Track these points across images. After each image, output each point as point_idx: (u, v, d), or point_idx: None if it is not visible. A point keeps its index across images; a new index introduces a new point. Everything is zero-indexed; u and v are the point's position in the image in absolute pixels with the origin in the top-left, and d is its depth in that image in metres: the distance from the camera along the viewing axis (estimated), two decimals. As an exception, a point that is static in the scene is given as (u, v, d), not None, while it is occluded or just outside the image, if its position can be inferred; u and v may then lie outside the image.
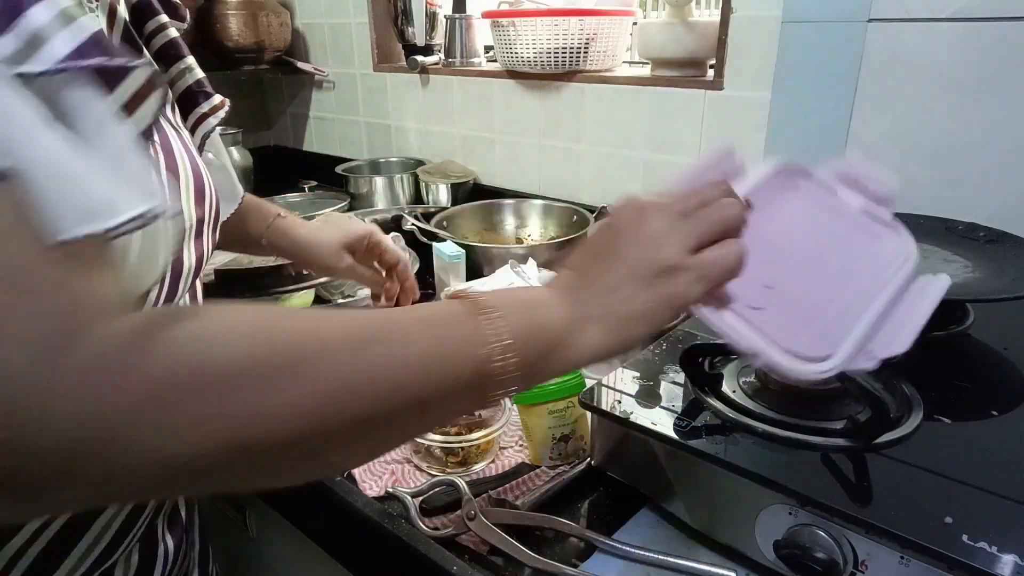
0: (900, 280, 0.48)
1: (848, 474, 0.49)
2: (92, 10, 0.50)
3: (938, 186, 0.92)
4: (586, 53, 1.26)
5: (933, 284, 0.49)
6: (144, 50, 0.57)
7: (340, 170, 1.59)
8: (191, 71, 0.62)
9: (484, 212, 1.36)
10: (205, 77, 0.63)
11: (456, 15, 1.48)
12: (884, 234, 0.52)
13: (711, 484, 0.53)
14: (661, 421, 0.57)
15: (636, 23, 1.33)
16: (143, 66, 0.35)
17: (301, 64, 1.81)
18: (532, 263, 1.08)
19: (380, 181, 1.53)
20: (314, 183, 1.71)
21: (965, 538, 0.42)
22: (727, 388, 0.60)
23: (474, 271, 1.11)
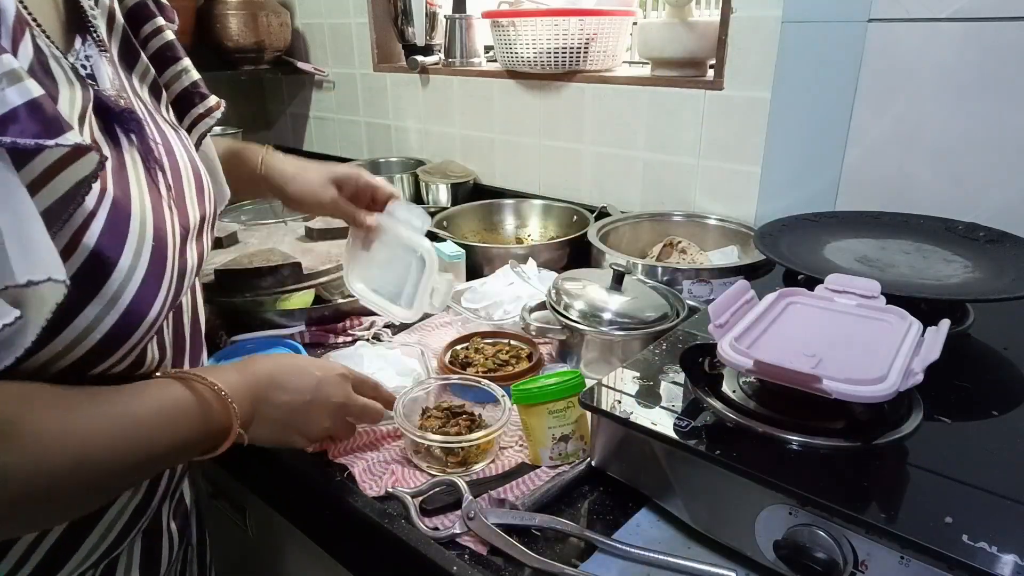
0: (916, 330, 0.58)
1: (848, 474, 0.49)
2: (93, 15, 0.51)
3: (938, 186, 0.92)
4: (586, 53, 1.26)
5: (942, 327, 0.56)
6: (142, 54, 0.58)
7: (340, 170, 1.59)
8: (187, 73, 0.62)
9: (484, 212, 1.36)
10: (201, 79, 0.64)
11: (456, 15, 1.48)
12: (885, 317, 0.62)
13: (711, 484, 0.53)
14: (661, 421, 0.57)
15: (636, 23, 1.33)
16: (62, 145, 0.37)
17: (301, 64, 1.81)
18: (532, 263, 1.08)
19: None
20: (314, 183, 1.71)
21: (965, 538, 0.42)
22: (727, 388, 0.60)
23: (474, 271, 1.11)
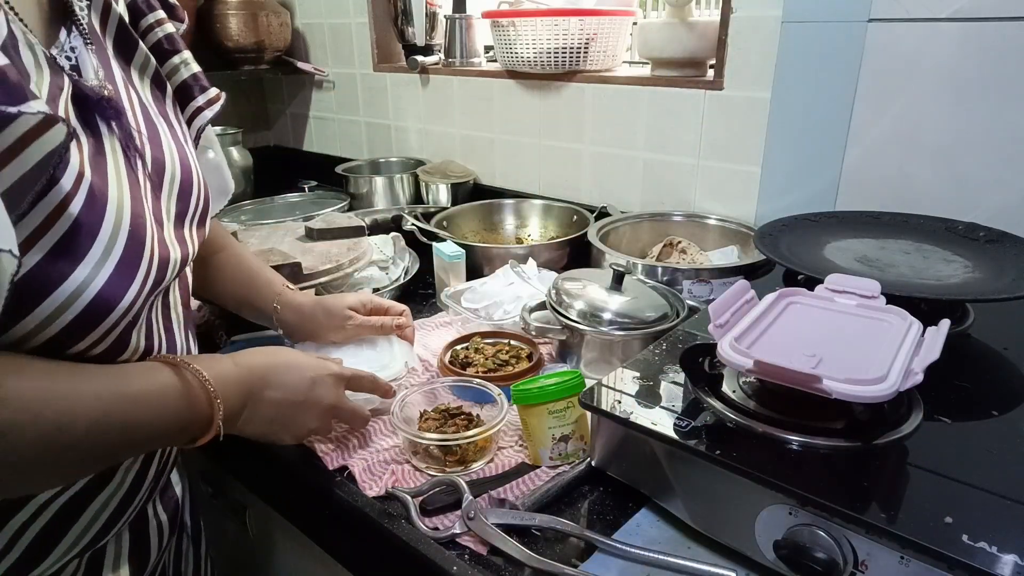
0: (916, 330, 0.58)
1: (848, 474, 0.49)
2: (80, 7, 0.51)
3: (938, 186, 0.92)
4: (586, 53, 1.26)
5: (942, 326, 0.56)
6: (141, 43, 0.58)
7: (340, 170, 1.59)
8: (187, 65, 0.63)
9: (484, 212, 1.36)
10: (201, 71, 0.64)
11: (456, 15, 1.48)
12: (885, 316, 0.62)
13: (711, 484, 0.53)
14: (661, 421, 0.57)
15: (636, 23, 1.33)
16: (25, 112, 0.38)
17: (301, 64, 1.81)
18: (532, 263, 1.08)
19: (380, 181, 1.53)
20: (314, 183, 1.72)
21: (965, 538, 0.42)
22: (727, 388, 0.60)
23: (474, 271, 1.11)
